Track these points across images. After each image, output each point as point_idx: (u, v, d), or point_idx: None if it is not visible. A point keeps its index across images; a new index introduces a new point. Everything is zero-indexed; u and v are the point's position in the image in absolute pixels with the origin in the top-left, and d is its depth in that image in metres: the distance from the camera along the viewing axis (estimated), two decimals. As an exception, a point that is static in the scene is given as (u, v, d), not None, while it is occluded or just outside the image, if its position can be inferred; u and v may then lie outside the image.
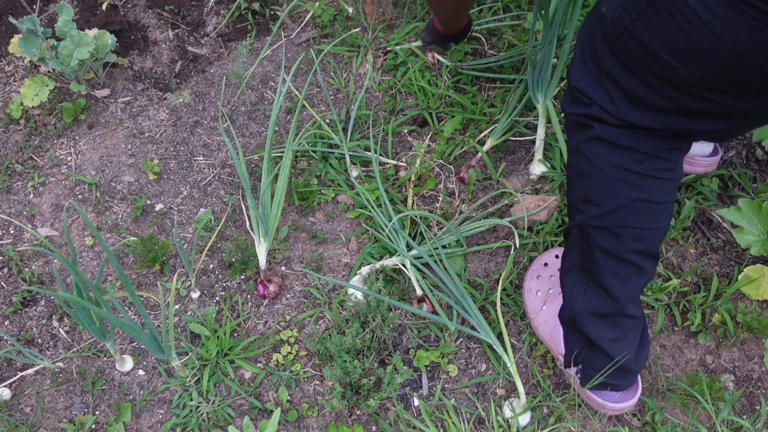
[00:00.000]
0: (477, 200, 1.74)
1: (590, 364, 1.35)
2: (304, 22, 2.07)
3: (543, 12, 1.59)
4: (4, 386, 1.51)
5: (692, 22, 0.97)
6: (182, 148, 1.85)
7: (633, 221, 1.21)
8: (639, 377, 1.40)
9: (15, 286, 1.64)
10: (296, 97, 1.91)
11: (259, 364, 1.55)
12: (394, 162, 1.78)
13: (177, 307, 1.62)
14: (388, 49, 1.97)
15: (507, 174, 1.80)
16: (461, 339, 1.57)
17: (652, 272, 1.29)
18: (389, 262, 1.60)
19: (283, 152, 1.74)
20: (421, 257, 1.59)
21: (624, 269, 1.26)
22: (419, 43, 1.93)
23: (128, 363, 1.54)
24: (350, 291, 1.61)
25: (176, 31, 2.07)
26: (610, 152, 1.19)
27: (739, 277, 1.58)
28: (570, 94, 1.24)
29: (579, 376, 1.38)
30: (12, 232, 1.73)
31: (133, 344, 1.57)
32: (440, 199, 1.75)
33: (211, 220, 1.71)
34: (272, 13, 2.09)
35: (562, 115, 1.83)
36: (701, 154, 1.65)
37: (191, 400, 1.49)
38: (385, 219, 1.65)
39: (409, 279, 1.60)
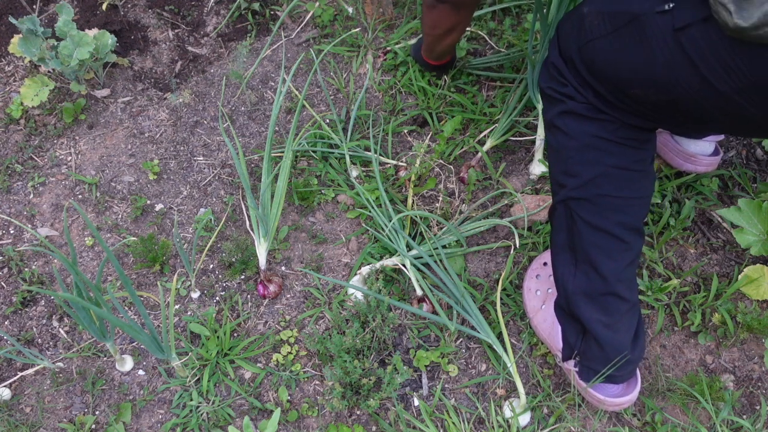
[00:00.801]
0: (477, 200, 1.74)
1: (586, 355, 1.35)
2: (304, 22, 2.07)
3: (545, 11, 1.59)
4: (4, 386, 1.51)
5: (655, 55, 1.05)
6: (182, 148, 1.85)
7: (611, 190, 1.24)
8: (638, 372, 1.40)
9: (15, 286, 1.64)
10: (296, 97, 1.91)
11: (259, 364, 1.55)
12: (394, 162, 1.78)
13: (177, 307, 1.62)
14: (388, 49, 1.97)
15: (507, 174, 1.80)
16: (461, 339, 1.57)
17: (637, 248, 1.31)
18: (389, 262, 1.60)
19: (283, 152, 1.74)
20: (421, 257, 1.59)
21: (608, 242, 1.28)
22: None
23: (128, 363, 1.54)
24: (350, 291, 1.61)
25: (176, 31, 2.07)
26: (583, 123, 1.23)
27: (739, 277, 1.58)
28: (547, 70, 1.28)
29: (577, 370, 1.38)
30: (12, 232, 1.73)
31: (133, 344, 1.57)
32: (440, 199, 1.75)
33: (211, 220, 1.71)
34: (272, 13, 2.09)
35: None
36: (702, 153, 1.65)
37: (191, 400, 1.49)
38: (385, 219, 1.65)
39: (409, 279, 1.60)
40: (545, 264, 1.56)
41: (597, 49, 1.15)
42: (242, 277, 1.66)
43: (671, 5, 1.03)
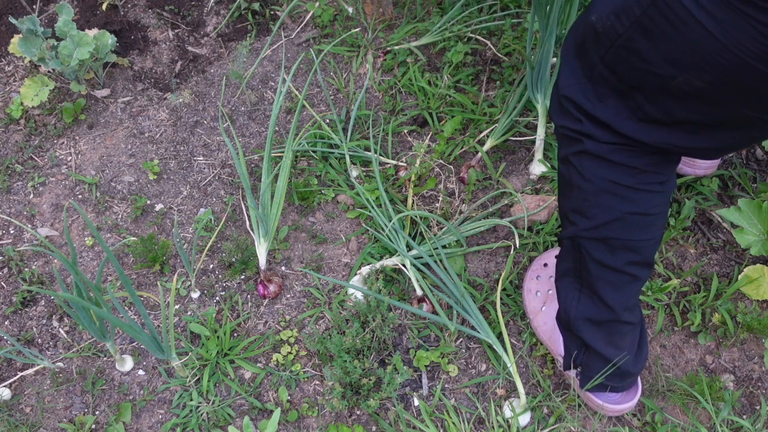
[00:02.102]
0: (477, 200, 1.74)
1: (588, 367, 1.35)
2: (304, 22, 2.07)
3: (545, 10, 1.59)
4: (4, 386, 1.51)
5: (692, 29, 0.93)
6: (182, 148, 1.85)
7: (625, 233, 1.20)
8: (639, 378, 1.40)
9: (15, 286, 1.64)
10: (296, 97, 1.91)
11: (259, 364, 1.55)
12: (394, 162, 1.78)
13: (177, 307, 1.62)
14: (388, 49, 1.97)
15: (507, 174, 1.80)
16: (461, 339, 1.57)
17: (645, 278, 1.28)
18: (389, 262, 1.60)
19: (283, 152, 1.74)
20: (421, 257, 1.59)
21: (617, 278, 1.24)
22: (419, 43, 1.93)
23: (128, 363, 1.54)
24: (350, 291, 1.61)
25: (176, 31, 2.07)
26: (601, 166, 1.16)
27: (739, 277, 1.58)
28: (559, 105, 1.19)
29: (578, 377, 1.38)
30: (12, 232, 1.73)
31: (133, 344, 1.57)
32: (440, 199, 1.75)
33: (211, 220, 1.71)
34: (272, 13, 2.09)
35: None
36: None
37: (191, 400, 1.49)
38: (385, 219, 1.65)
39: (409, 279, 1.60)
40: (545, 265, 1.56)
41: (624, 50, 1.04)
42: (242, 277, 1.66)
43: None
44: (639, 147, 1.13)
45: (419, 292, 1.57)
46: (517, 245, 1.61)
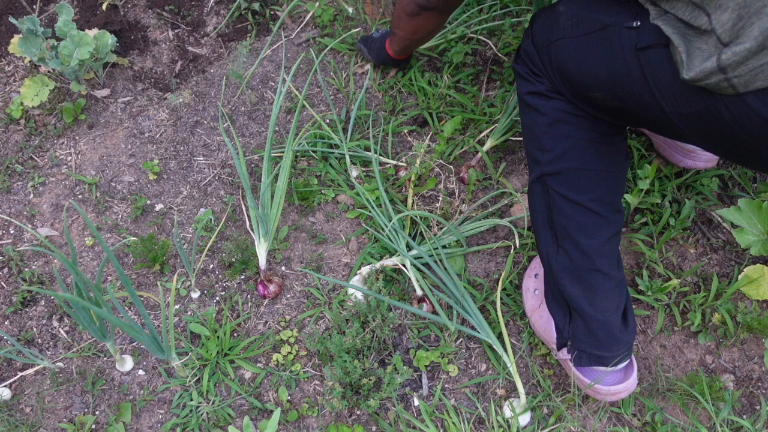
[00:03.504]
0: (477, 200, 1.74)
1: (576, 337, 1.35)
2: (304, 22, 2.07)
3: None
4: (4, 386, 1.51)
5: (625, 69, 1.10)
6: (182, 148, 1.85)
7: (582, 163, 1.28)
8: (634, 359, 1.38)
9: (15, 286, 1.64)
10: (296, 97, 1.91)
11: (259, 364, 1.55)
12: (394, 162, 1.78)
13: (177, 307, 1.62)
14: None
15: (507, 174, 1.80)
16: (461, 339, 1.57)
17: (616, 223, 1.33)
18: (389, 262, 1.60)
19: (283, 152, 1.74)
20: (421, 257, 1.59)
21: (585, 217, 1.30)
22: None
23: (128, 363, 1.54)
24: (350, 291, 1.61)
25: (176, 31, 2.07)
26: (552, 101, 1.29)
27: (739, 277, 1.58)
28: (519, 56, 1.35)
29: (571, 357, 1.37)
30: (12, 232, 1.73)
31: (133, 344, 1.57)
32: (440, 199, 1.75)
33: (211, 220, 1.71)
34: (272, 13, 2.09)
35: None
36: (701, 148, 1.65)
37: (191, 400, 1.49)
38: (385, 219, 1.65)
39: (409, 279, 1.60)
40: (545, 264, 1.57)
41: (565, 49, 1.21)
42: (242, 277, 1.66)
43: (638, 23, 1.09)
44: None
45: (419, 292, 1.57)
46: (517, 245, 1.61)
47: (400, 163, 1.78)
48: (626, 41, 1.10)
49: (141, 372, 1.54)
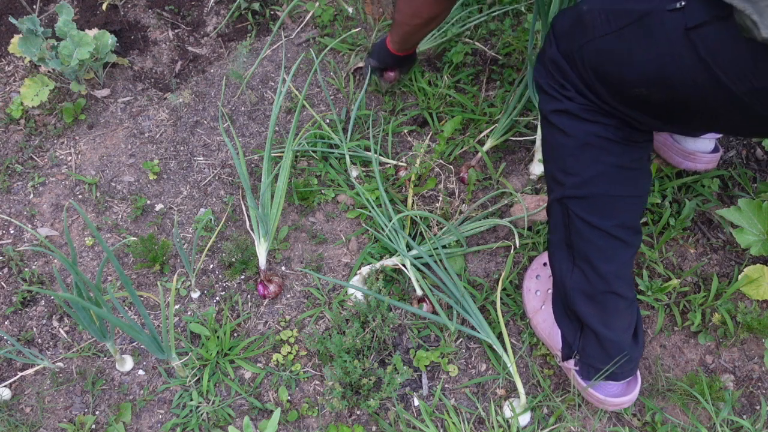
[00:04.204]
0: (477, 200, 1.74)
1: (585, 352, 1.34)
2: (304, 22, 2.07)
3: (546, 10, 1.59)
4: (4, 386, 1.51)
5: (675, 56, 1.01)
6: (182, 148, 1.85)
7: (610, 189, 1.23)
8: (638, 372, 1.40)
9: (15, 286, 1.64)
10: (296, 97, 1.91)
11: (259, 364, 1.55)
12: (394, 162, 1.78)
13: (177, 307, 1.62)
14: None
15: (507, 174, 1.80)
16: (461, 339, 1.57)
17: (635, 246, 1.30)
18: (389, 262, 1.60)
19: (283, 152, 1.74)
20: (421, 257, 1.59)
21: (606, 242, 1.26)
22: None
23: (128, 363, 1.54)
24: (350, 291, 1.60)
25: (176, 31, 2.07)
26: (581, 123, 1.21)
27: (739, 277, 1.58)
28: (543, 65, 1.25)
29: (577, 369, 1.38)
30: (12, 232, 1.73)
31: (133, 344, 1.57)
32: (440, 199, 1.75)
33: (211, 220, 1.71)
34: (272, 13, 2.09)
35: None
36: (702, 151, 1.65)
37: (191, 400, 1.49)
38: (385, 219, 1.65)
39: (409, 279, 1.60)
40: (545, 264, 1.56)
41: (600, 49, 1.13)
42: (242, 277, 1.66)
43: (683, 3, 0.99)
44: (614, 110, 1.19)
45: (419, 292, 1.57)
46: (517, 245, 1.61)
47: (400, 163, 1.78)
48: (671, 25, 1.01)
49: (141, 372, 1.54)
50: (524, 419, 1.45)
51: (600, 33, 1.12)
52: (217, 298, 1.63)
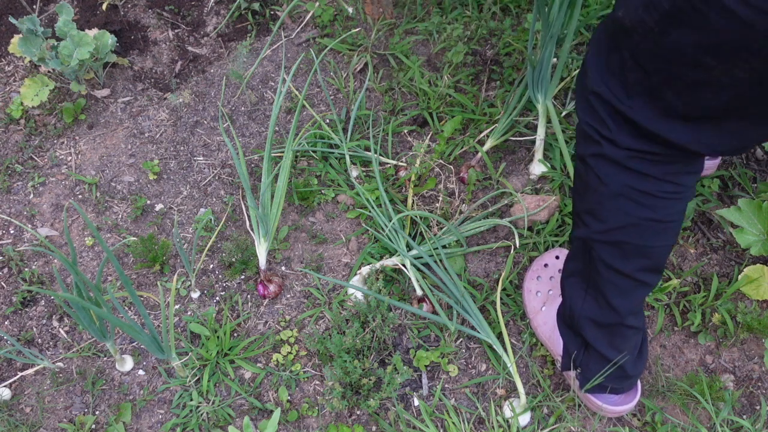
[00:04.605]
0: (477, 200, 1.74)
1: (588, 367, 1.35)
2: (304, 22, 2.07)
3: (545, 10, 1.59)
4: (4, 386, 1.51)
5: (728, 19, 0.85)
6: (182, 148, 1.85)
7: (639, 239, 1.17)
8: (638, 380, 1.40)
9: (15, 286, 1.64)
10: (296, 97, 1.91)
11: (259, 364, 1.55)
12: (394, 162, 1.78)
13: (177, 307, 1.62)
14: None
15: (507, 174, 1.80)
16: (461, 339, 1.57)
17: (654, 284, 1.26)
18: (389, 262, 1.60)
19: (283, 152, 1.74)
20: (421, 257, 1.59)
21: (626, 283, 1.23)
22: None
23: (128, 363, 1.54)
24: (350, 291, 1.60)
25: (176, 31, 2.07)
26: (619, 172, 1.12)
27: (739, 277, 1.58)
28: (585, 100, 1.13)
29: (578, 378, 1.38)
30: (12, 232, 1.73)
31: (133, 344, 1.57)
32: (440, 199, 1.75)
33: (211, 220, 1.71)
34: (272, 13, 2.09)
35: (563, 115, 1.84)
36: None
37: (191, 400, 1.49)
38: (385, 219, 1.65)
39: (409, 279, 1.60)
40: (546, 265, 1.56)
41: (654, 44, 0.97)
42: (242, 277, 1.66)
43: None
44: (659, 154, 1.09)
45: (419, 292, 1.57)
46: (517, 245, 1.61)
47: (400, 163, 1.78)
48: None
49: (141, 372, 1.54)
50: (524, 419, 1.45)
51: (647, 28, 0.96)
52: (217, 298, 1.63)
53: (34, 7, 2.08)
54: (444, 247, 1.65)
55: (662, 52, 0.97)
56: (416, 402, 1.50)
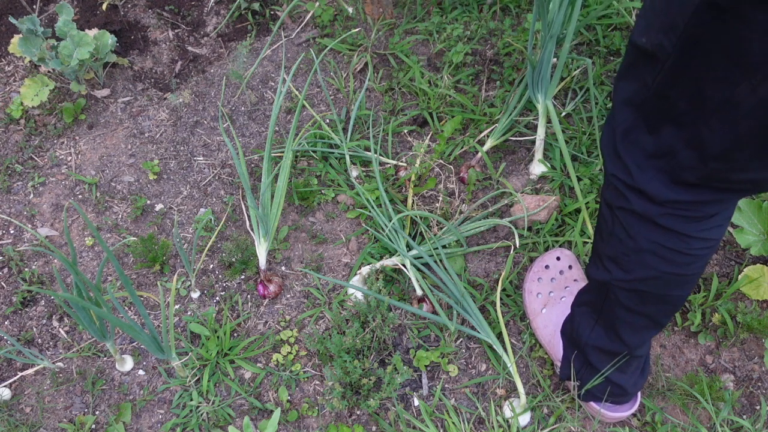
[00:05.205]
0: (477, 200, 1.74)
1: (588, 382, 1.35)
2: (304, 22, 2.07)
3: (546, 9, 1.59)
4: (4, 386, 1.51)
5: (744, 33, 0.80)
6: (182, 148, 1.85)
7: (661, 289, 1.14)
8: (638, 394, 1.41)
9: (15, 286, 1.64)
10: (296, 97, 1.91)
11: (259, 364, 1.55)
12: (394, 162, 1.78)
13: (177, 307, 1.62)
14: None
15: (507, 174, 1.80)
16: (461, 339, 1.57)
17: (667, 323, 1.24)
18: (389, 262, 1.60)
19: (283, 152, 1.74)
20: (421, 257, 1.59)
21: (641, 322, 1.21)
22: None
23: (128, 363, 1.54)
24: (350, 291, 1.60)
25: (176, 31, 2.07)
26: (648, 229, 1.06)
27: (739, 277, 1.58)
28: (614, 149, 1.04)
29: (578, 392, 1.39)
30: (12, 232, 1.73)
31: (133, 344, 1.57)
32: (440, 199, 1.75)
33: (211, 220, 1.71)
34: (272, 13, 2.09)
35: (563, 115, 1.84)
36: None
37: (191, 400, 1.49)
38: (385, 219, 1.65)
39: (409, 279, 1.60)
40: (547, 267, 1.56)
41: (677, 67, 0.90)
42: (242, 277, 1.66)
43: None
44: (693, 210, 1.02)
45: (419, 292, 1.57)
46: (517, 245, 1.61)
47: (400, 163, 1.78)
48: None
49: (141, 372, 1.54)
50: (524, 419, 1.45)
51: (667, 54, 0.89)
52: (217, 298, 1.63)
53: (34, 7, 2.08)
54: (444, 247, 1.65)
55: (683, 78, 0.91)
56: (416, 402, 1.50)
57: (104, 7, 2.07)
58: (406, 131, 1.87)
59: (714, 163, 0.94)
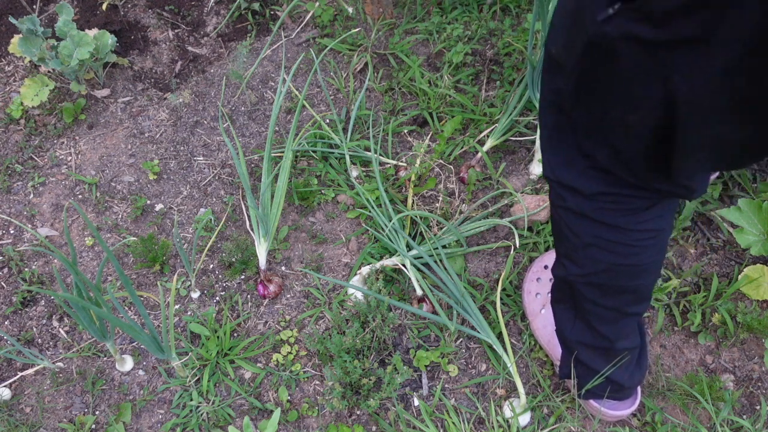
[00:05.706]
0: (477, 200, 1.74)
1: (584, 379, 1.34)
2: (304, 22, 2.07)
3: (546, 9, 1.59)
4: (4, 386, 1.51)
5: (619, 71, 0.83)
6: (182, 148, 1.85)
7: (617, 281, 1.15)
8: (638, 390, 1.41)
9: (15, 286, 1.64)
10: (296, 97, 1.91)
11: (259, 364, 1.55)
12: (394, 162, 1.78)
13: (177, 307, 1.62)
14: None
15: (507, 174, 1.80)
16: (461, 339, 1.57)
17: (643, 312, 1.25)
18: (389, 262, 1.60)
19: (283, 152, 1.74)
20: (421, 257, 1.59)
21: (612, 315, 1.22)
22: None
23: (128, 363, 1.54)
24: (350, 291, 1.60)
25: (176, 31, 2.07)
26: (585, 223, 1.09)
27: (739, 277, 1.58)
28: (545, 149, 1.11)
29: (577, 391, 1.39)
30: (12, 232, 1.72)
31: (133, 344, 1.57)
32: (440, 199, 1.75)
33: (211, 220, 1.71)
34: (272, 13, 2.09)
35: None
36: None
37: (191, 400, 1.49)
38: (385, 219, 1.65)
39: (409, 279, 1.60)
40: (546, 267, 1.56)
41: (580, 85, 0.92)
42: (242, 277, 1.66)
43: (617, 6, 0.78)
44: (624, 202, 1.04)
45: (419, 292, 1.57)
46: (517, 245, 1.61)
47: (400, 163, 1.78)
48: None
49: (141, 372, 1.54)
50: (524, 419, 1.45)
51: (570, 68, 0.91)
52: (217, 298, 1.63)
53: (34, 7, 2.08)
54: (444, 247, 1.65)
55: (584, 98, 0.94)
56: (416, 402, 1.50)
57: (104, 7, 2.07)
58: (406, 131, 1.87)
59: (627, 166, 0.97)
